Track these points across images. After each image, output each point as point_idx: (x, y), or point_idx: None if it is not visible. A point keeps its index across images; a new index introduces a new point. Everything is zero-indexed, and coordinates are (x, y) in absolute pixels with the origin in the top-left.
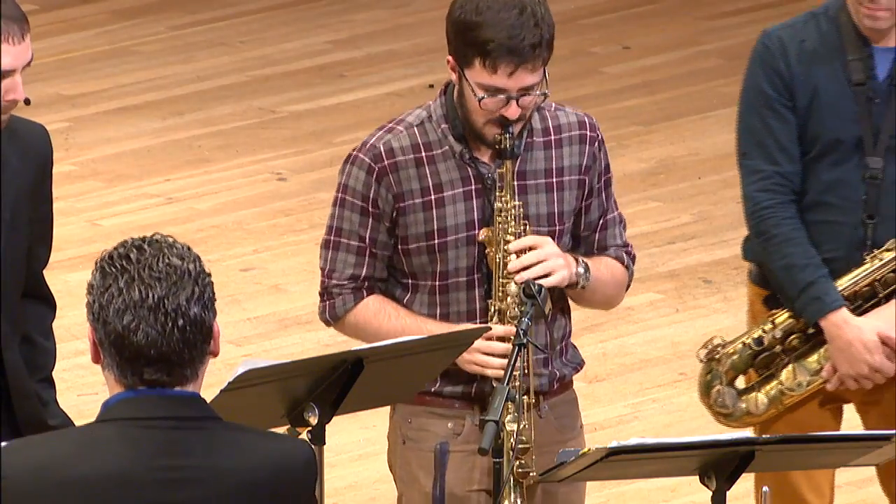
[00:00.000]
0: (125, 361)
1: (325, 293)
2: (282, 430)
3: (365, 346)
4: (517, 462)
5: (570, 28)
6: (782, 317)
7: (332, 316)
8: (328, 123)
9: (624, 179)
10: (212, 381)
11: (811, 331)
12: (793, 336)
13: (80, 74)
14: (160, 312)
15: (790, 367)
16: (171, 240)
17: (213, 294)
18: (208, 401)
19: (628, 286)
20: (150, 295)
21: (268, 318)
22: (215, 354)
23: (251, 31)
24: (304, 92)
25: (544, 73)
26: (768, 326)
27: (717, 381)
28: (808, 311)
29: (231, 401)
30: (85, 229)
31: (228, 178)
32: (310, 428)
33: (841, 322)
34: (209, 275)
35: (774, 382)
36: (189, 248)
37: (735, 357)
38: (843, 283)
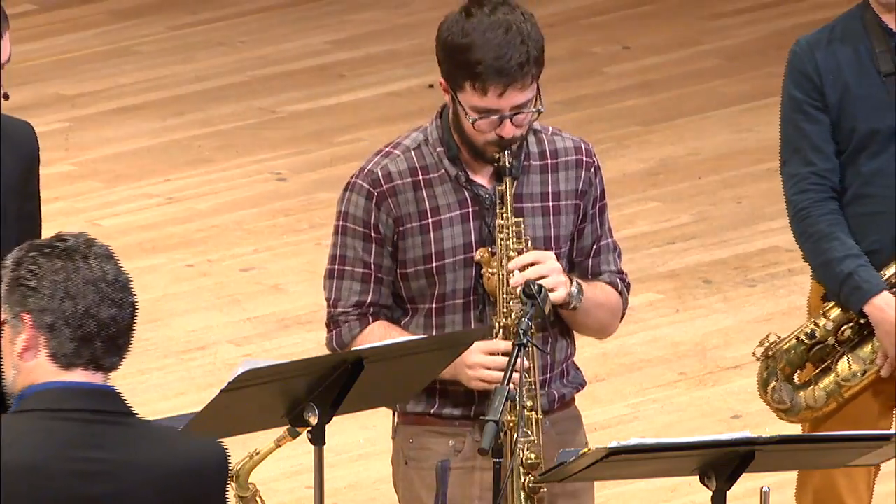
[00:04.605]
0: (82, 340)
1: (332, 322)
2: (282, 430)
3: (365, 346)
4: (528, 477)
5: (570, 28)
6: (834, 310)
7: (340, 344)
8: (328, 123)
9: (624, 179)
10: (212, 381)
11: (863, 321)
12: (845, 327)
13: (80, 74)
14: (117, 288)
15: (845, 358)
16: None
17: None
18: (208, 401)
19: (623, 314)
20: (108, 271)
21: (268, 318)
22: None
23: (251, 31)
24: (304, 92)
25: (537, 88)
26: (821, 320)
27: (773, 378)
28: (851, 302)
29: (231, 401)
30: (85, 229)
31: (228, 178)
32: (310, 428)
33: (884, 305)
34: None
35: (832, 375)
36: None
37: (790, 352)
38: (892, 270)
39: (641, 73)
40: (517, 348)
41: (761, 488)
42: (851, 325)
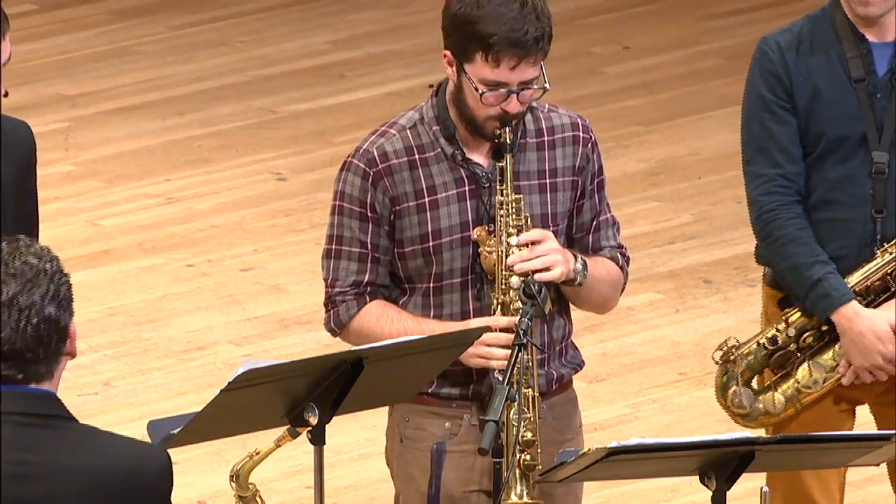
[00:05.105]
0: None
1: (329, 302)
2: (282, 430)
3: (365, 346)
4: (524, 455)
5: (570, 28)
6: (795, 315)
7: (337, 324)
8: (328, 123)
9: (624, 179)
10: (212, 381)
11: (825, 328)
12: (807, 334)
13: (80, 74)
14: (14, 309)
15: (806, 364)
16: (29, 240)
17: (71, 294)
18: (208, 401)
19: (623, 288)
20: (4, 291)
21: (268, 318)
22: (73, 355)
23: (251, 31)
24: (304, 92)
25: (542, 68)
26: (782, 325)
27: (733, 382)
28: (818, 309)
29: (231, 401)
30: (85, 229)
31: (228, 178)
32: (310, 428)
33: (851, 314)
34: (67, 275)
35: (791, 381)
36: (48, 249)
37: (750, 357)
38: (855, 278)
39: (641, 73)
40: (517, 348)
41: (761, 488)
42: (813, 331)
